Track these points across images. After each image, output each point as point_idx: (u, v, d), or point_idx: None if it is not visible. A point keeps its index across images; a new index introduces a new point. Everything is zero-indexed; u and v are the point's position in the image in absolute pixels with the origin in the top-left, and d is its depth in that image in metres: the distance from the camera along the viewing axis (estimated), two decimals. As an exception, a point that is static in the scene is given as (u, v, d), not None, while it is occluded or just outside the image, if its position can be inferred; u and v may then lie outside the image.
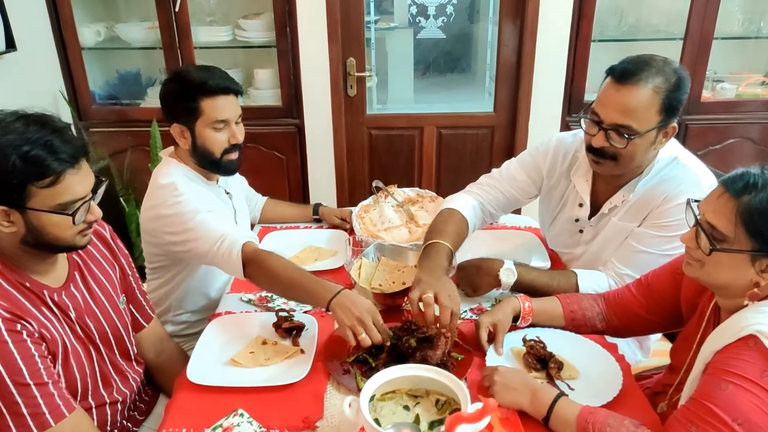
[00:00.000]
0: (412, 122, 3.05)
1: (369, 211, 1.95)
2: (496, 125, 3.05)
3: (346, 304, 1.26)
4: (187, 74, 1.58)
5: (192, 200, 1.54)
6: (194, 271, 1.69)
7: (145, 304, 1.42)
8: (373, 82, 3.31)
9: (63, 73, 2.77)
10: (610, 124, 1.36)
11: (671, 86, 1.34)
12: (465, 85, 3.31)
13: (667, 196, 1.42)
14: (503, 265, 1.49)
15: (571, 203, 1.65)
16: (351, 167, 3.09)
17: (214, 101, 1.56)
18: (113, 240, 1.36)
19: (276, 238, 1.91)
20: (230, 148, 1.63)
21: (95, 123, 2.86)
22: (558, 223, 1.72)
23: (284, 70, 2.82)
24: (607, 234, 1.57)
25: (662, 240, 1.45)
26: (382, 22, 3.17)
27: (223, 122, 1.60)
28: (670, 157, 1.49)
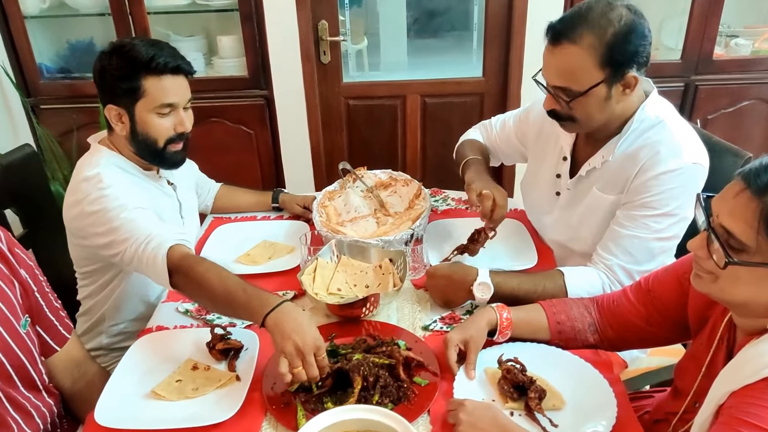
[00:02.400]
0: (394, 90, 2.78)
1: (334, 199, 1.72)
2: (485, 92, 2.78)
3: (285, 327, 1.04)
4: (131, 48, 1.33)
5: (119, 194, 1.32)
6: (130, 275, 1.47)
7: (58, 323, 1.20)
8: (364, 45, 3.05)
9: (5, 46, 2.49)
10: (551, 86, 1.29)
11: (611, 38, 1.20)
12: (451, 48, 3.02)
13: (644, 164, 1.28)
14: (477, 275, 1.27)
15: (553, 156, 1.51)
16: (328, 141, 2.84)
17: (161, 81, 1.34)
18: (10, 251, 1.13)
19: (227, 231, 1.69)
20: (176, 137, 1.40)
21: (45, 99, 2.60)
22: (537, 182, 1.58)
23: (249, 36, 2.54)
24: (586, 204, 1.42)
25: (648, 220, 1.28)
26: None
27: (170, 106, 1.37)
28: (656, 119, 1.31)
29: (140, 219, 1.30)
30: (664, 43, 2.71)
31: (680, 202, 1.26)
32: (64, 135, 2.50)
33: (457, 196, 1.88)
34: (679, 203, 1.26)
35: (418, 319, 1.31)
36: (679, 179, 1.25)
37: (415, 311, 1.34)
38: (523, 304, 1.24)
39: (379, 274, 1.39)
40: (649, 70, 1.28)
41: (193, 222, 1.66)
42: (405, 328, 1.27)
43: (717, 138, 1.52)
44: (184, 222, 1.59)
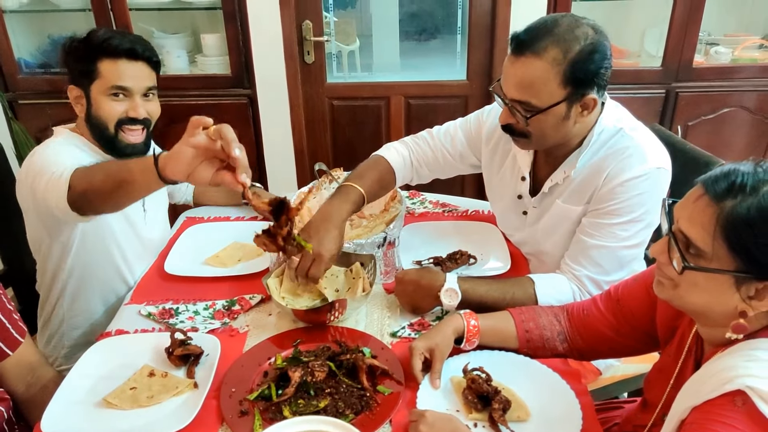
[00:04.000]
0: (377, 92, 2.73)
1: (308, 200, 1.66)
2: (469, 94, 2.73)
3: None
4: (92, 32, 1.34)
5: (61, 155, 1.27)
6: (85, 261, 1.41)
7: (11, 326, 1.14)
8: (356, 46, 3.00)
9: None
10: (510, 99, 1.20)
11: (576, 56, 1.14)
12: (437, 51, 2.97)
13: (609, 173, 1.23)
14: (444, 281, 1.22)
15: (513, 176, 1.44)
16: (311, 142, 2.78)
17: (115, 64, 1.32)
18: None
19: (198, 231, 1.62)
20: (128, 121, 1.36)
21: (24, 94, 2.52)
22: (502, 199, 1.51)
23: (232, 34, 2.48)
24: (551, 218, 1.36)
25: (615, 228, 1.23)
26: None
27: (123, 90, 1.34)
28: (615, 128, 1.26)
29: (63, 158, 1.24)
30: (646, 50, 2.68)
31: (647, 208, 1.22)
32: (42, 131, 2.42)
33: (435, 199, 1.83)
34: (645, 209, 1.22)
35: (386, 325, 1.26)
36: (645, 184, 1.21)
37: (385, 317, 1.29)
38: (492, 311, 1.19)
39: (349, 277, 1.34)
40: (631, 76, 1.24)
41: (158, 216, 1.60)
42: (372, 335, 1.22)
43: (691, 146, 1.49)
44: (146, 214, 1.53)
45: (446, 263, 1.41)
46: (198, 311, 1.28)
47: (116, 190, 1.09)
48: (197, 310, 1.29)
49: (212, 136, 0.91)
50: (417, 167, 1.54)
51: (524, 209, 1.45)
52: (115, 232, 1.43)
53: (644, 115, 1.35)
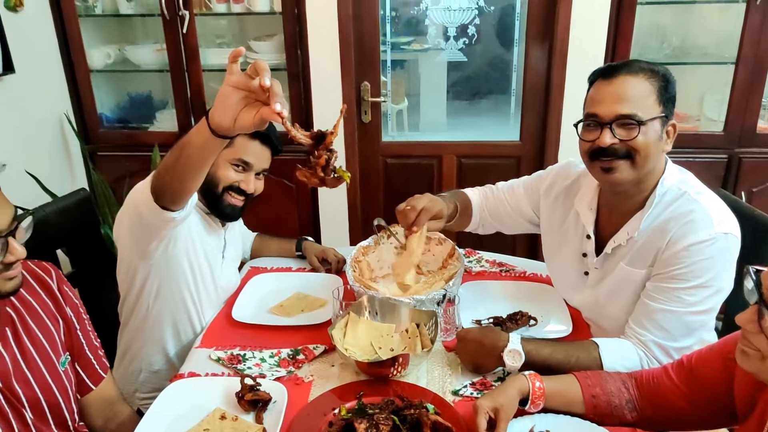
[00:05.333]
0: (431, 150, 2.83)
1: (368, 254, 1.73)
2: (522, 155, 2.79)
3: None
4: None
5: None
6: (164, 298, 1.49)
7: (95, 362, 1.23)
8: (404, 105, 3.15)
9: (71, 95, 2.67)
10: (613, 117, 1.24)
11: (661, 78, 1.25)
12: (488, 111, 3.08)
13: (672, 237, 1.25)
14: (508, 342, 1.24)
15: (575, 234, 1.47)
16: (365, 198, 2.88)
17: (248, 141, 1.47)
18: (59, 288, 1.17)
19: (263, 281, 1.71)
20: (236, 189, 1.49)
21: (102, 147, 2.75)
22: (561, 260, 1.53)
23: (294, 94, 2.65)
24: (614, 281, 1.37)
25: (681, 293, 1.23)
26: (416, 44, 3.02)
27: (244, 164, 1.48)
28: (679, 191, 1.29)
29: None
30: (707, 115, 2.70)
31: (714, 274, 1.22)
32: (117, 181, 2.61)
33: (491, 258, 1.86)
34: (712, 275, 1.22)
35: (448, 382, 1.28)
36: (711, 250, 1.21)
37: (446, 374, 1.31)
38: (555, 374, 1.20)
39: (405, 338, 1.37)
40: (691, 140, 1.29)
41: (232, 266, 1.70)
42: (434, 392, 1.24)
43: (760, 212, 1.49)
44: (224, 262, 1.62)
45: (507, 323, 1.43)
46: (264, 358, 1.34)
47: (179, 159, 1.09)
48: (263, 357, 1.35)
49: (249, 72, 0.92)
50: (482, 213, 1.63)
51: (586, 269, 1.46)
52: (195, 269, 1.50)
53: (705, 179, 1.37)
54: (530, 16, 2.57)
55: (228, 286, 1.65)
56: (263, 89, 0.91)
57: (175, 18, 2.52)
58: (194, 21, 2.54)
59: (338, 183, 1.05)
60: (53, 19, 2.56)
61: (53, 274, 1.18)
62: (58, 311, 1.16)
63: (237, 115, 0.95)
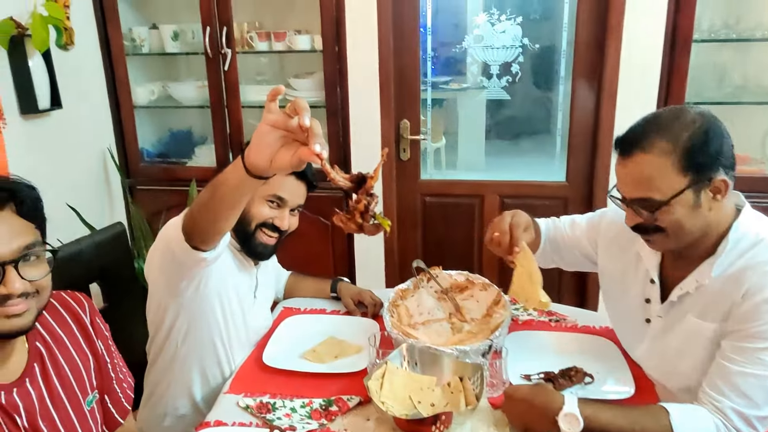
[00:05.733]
0: (471, 189, 2.77)
1: (406, 298, 1.65)
2: (569, 197, 2.70)
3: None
4: None
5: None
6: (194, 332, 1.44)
7: (122, 395, 1.19)
8: (442, 144, 3.13)
9: (114, 131, 2.74)
10: (631, 200, 1.20)
11: (688, 142, 1.13)
12: (531, 151, 3.01)
13: (749, 289, 1.14)
14: (563, 405, 1.13)
15: (636, 278, 1.37)
16: (403, 238, 2.82)
17: (283, 177, 1.43)
18: (92, 321, 1.14)
19: (295, 323, 1.64)
20: (270, 226, 1.46)
21: (141, 181, 2.79)
22: (622, 304, 1.43)
23: (333, 130, 2.65)
24: (682, 334, 1.26)
25: (762, 354, 1.12)
26: (454, 83, 3.05)
27: (279, 200, 1.45)
28: (756, 238, 1.18)
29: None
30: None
31: None
32: (154, 215, 2.63)
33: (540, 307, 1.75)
34: None
35: (494, 443, 1.18)
36: None
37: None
38: None
39: (447, 392, 1.28)
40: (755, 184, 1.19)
41: (264, 307, 1.65)
42: (479, 454, 1.14)
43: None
44: (256, 303, 1.58)
45: (559, 380, 1.32)
46: (295, 408, 1.27)
47: (212, 198, 1.07)
48: (294, 407, 1.27)
49: (288, 111, 0.89)
50: (545, 243, 1.56)
51: (648, 316, 1.36)
52: (226, 310, 1.46)
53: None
54: (577, 54, 2.52)
55: (259, 328, 1.60)
56: (302, 129, 0.88)
57: (217, 56, 2.58)
58: (236, 58, 2.59)
59: (377, 231, 0.98)
60: (102, 58, 2.65)
61: (86, 305, 1.15)
62: (89, 347, 1.13)
63: (274, 154, 0.92)
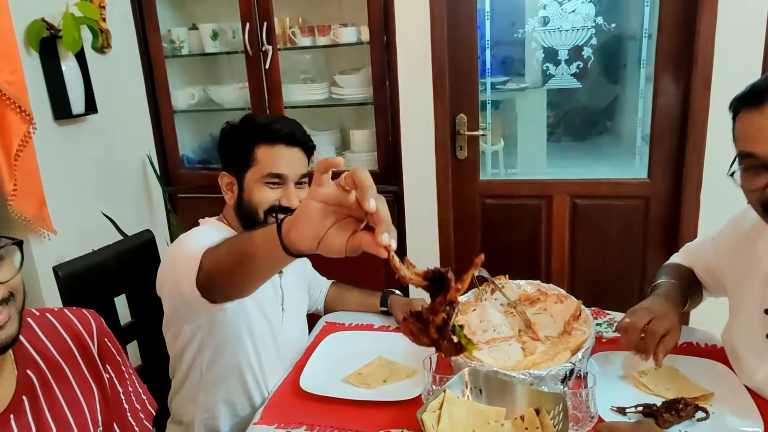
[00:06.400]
0: (538, 189, 2.53)
1: (467, 313, 1.45)
2: (651, 195, 2.42)
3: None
4: (251, 117, 1.37)
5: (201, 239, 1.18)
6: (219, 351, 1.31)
7: (138, 429, 1.03)
8: (500, 146, 2.93)
9: (154, 137, 2.68)
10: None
11: None
12: (606, 146, 2.74)
13: None
14: None
15: (758, 283, 1.18)
16: (459, 244, 2.61)
17: (273, 150, 1.30)
18: (99, 344, 0.99)
19: (338, 341, 1.47)
20: (279, 209, 1.31)
21: (182, 188, 2.71)
22: (740, 320, 1.24)
23: (381, 129, 2.48)
24: None
25: None
26: (512, 83, 2.85)
27: (279, 178, 1.30)
28: None
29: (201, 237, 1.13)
30: None
31: None
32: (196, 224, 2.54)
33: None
34: None
35: (582, 495, 0.96)
36: None
37: (579, 483, 0.99)
38: None
39: (520, 428, 1.06)
40: None
41: (297, 319, 1.50)
42: None
43: None
44: (285, 315, 1.42)
45: (663, 415, 1.08)
46: (335, 445, 1.09)
47: (238, 266, 0.94)
48: (335, 443, 1.10)
49: (344, 184, 0.72)
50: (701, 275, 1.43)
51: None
52: (253, 328, 1.33)
53: None
54: (662, 32, 2.24)
55: (293, 343, 1.45)
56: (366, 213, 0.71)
57: (258, 54, 2.47)
58: (277, 56, 2.48)
59: (457, 353, 0.77)
60: (141, 60, 2.60)
61: (93, 326, 1.00)
62: (94, 376, 0.97)
63: (322, 235, 0.76)
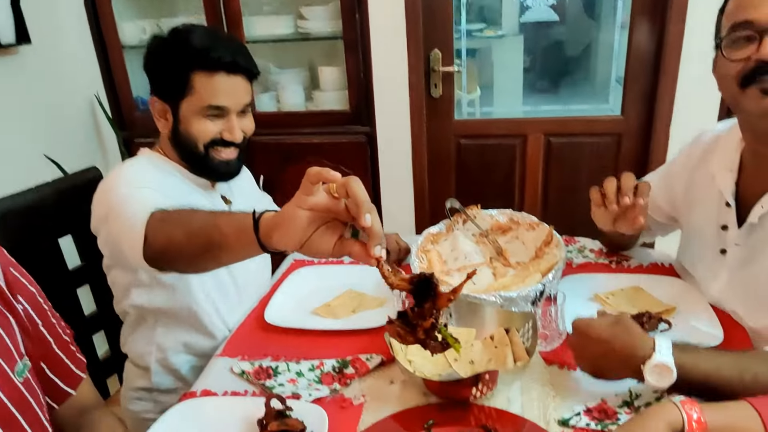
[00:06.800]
0: (513, 128, 2.51)
1: (438, 243, 1.43)
2: (623, 132, 2.42)
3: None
4: (186, 35, 1.20)
5: (134, 177, 1.17)
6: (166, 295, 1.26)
7: (69, 361, 0.96)
8: (476, 95, 2.90)
9: (102, 76, 2.54)
10: None
11: None
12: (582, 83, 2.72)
13: None
14: (653, 351, 0.90)
15: (712, 203, 1.20)
16: (434, 185, 2.58)
17: (212, 79, 1.19)
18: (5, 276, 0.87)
19: (306, 276, 1.44)
20: (220, 142, 1.24)
21: (139, 134, 2.59)
22: (695, 236, 1.27)
23: (352, 66, 2.40)
24: (766, 263, 1.08)
25: None
26: (489, 31, 2.86)
27: (219, 110, 1.21)
28: None
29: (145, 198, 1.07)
30: None
31: None
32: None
33: (597, 247, 1.52)
34: None
35: (551, 408, 0.97)
36: None
37: (548, 396, 0.99)
38: (716, 397, 0.86)
39: (490, 347, 1.07)
40: None
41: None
42: (533, 420, 0.93)
43: None
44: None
45: None
46: (302, 372, 1.08)
47: (203, 254, 0.91)
48: (301, 370, 1.08)
49: (336, 193, 0.74)
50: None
51: (723, 246, 1.17)
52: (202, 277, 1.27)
53: None
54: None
55: (254, 281, 1.40)
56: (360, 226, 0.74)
57: (215, -17, 2.35)
58: (237, -14, 2.35)
59: (443, 350, 0.81)
60: (78, -14, 2.42)
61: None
62: (7, 308, 0.90)
63: (306, 239, 0.77)
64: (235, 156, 1.26)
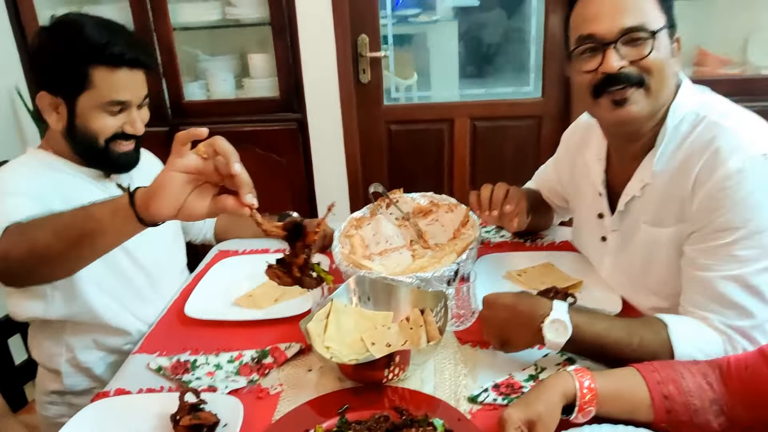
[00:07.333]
0: (441, 113, 2.52)
1: (361, 227, 1.43)
2: (543, 114, 2.47)
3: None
4: (80, 29, 1.12)
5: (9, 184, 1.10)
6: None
7: None
8: (414, 80, 2.88)
9: (23, 66, 2.38)
10: (617, 33, 0.98)
11: None
12: (504, 65, 2.75)
13: (697, 178, 0.98)
14: (551, 311, 0.94)
15: (590, 193, 1.24)
16: (367, 170, 2.56)
17: (113, 75, 1.13)
18: None
19: (229, 267, 1.41)
20: (122, 135, 1.19)
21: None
22: (583, 223, 1.32)
23: (281, 52, 2.34)
24: (639, 248, 1.11)
25: (735, 249, 0.94)
26: (424, 16, 2.82)
27: (121, 105, 1.16)
28: (695, 117, 1.02)
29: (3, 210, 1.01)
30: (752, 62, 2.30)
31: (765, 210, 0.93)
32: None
33: (514, 227, 1.55)
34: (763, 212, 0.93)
35: (462, 386, 0.98)
36: (753, 180, 0.92)
37: (459, 375, 1.01)
38: (609, 358, 0.92)
39: (406, 329, 1.07)
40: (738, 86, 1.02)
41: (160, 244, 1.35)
42: (444, 400, 0.94)
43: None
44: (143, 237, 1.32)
45: None
46: (220, 365, 1.05)
47: (75, 247, 0.89)
48: (220, 363, 1.05)
49: (204, 154, 0.79)
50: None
51: (603, 234, 1.21)
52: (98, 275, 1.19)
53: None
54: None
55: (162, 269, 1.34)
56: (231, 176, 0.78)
57: (138, -31, 2.23)
58: (161, -28, 2.24)
59: (318, 284, 0.89)
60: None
61: None
62: None
63: (182, 203, 0.80)
64: (133, 147, 1.22)
